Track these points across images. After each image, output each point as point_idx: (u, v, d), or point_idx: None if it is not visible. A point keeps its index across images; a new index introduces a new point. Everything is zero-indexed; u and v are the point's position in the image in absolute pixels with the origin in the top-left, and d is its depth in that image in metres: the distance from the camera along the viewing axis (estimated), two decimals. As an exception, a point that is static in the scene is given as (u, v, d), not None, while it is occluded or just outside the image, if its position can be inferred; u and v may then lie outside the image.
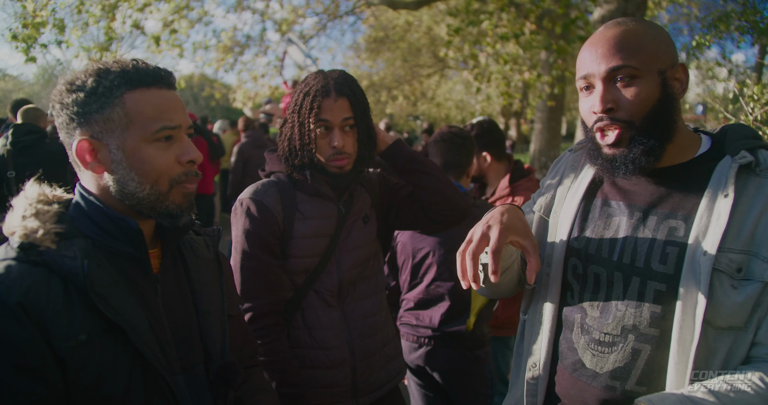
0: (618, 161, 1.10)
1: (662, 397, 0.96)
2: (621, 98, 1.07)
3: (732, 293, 0.99)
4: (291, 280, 1.57)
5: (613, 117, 1.08)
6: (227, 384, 1.08)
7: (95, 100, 0.94)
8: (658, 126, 1.07)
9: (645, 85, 1.06)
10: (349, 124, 1.53)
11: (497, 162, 2.60)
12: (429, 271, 2.14)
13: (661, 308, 1.06)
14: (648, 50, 1.06)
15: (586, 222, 1.21)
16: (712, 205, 1.03)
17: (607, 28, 1.11)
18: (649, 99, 1.06)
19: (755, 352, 1.00)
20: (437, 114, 23.06)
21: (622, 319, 1.10)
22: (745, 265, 0.99)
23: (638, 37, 1.07)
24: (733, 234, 1.00)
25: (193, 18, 8.48)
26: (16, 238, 0.90)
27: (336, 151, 1.51)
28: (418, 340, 2.16)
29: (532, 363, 1.25)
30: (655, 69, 1.06)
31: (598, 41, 1.09)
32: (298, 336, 1.57)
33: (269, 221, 1.53)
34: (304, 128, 1.51)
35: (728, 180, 1.02)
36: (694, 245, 1.02)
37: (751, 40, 5.55)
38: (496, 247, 1.06)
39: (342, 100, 1.51)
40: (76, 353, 0.87)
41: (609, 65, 1.06)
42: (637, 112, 1.06)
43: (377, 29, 14.91)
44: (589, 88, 1.11)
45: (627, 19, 1.12)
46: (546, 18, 7.39)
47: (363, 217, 1.65)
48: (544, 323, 1.23)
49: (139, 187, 0.97)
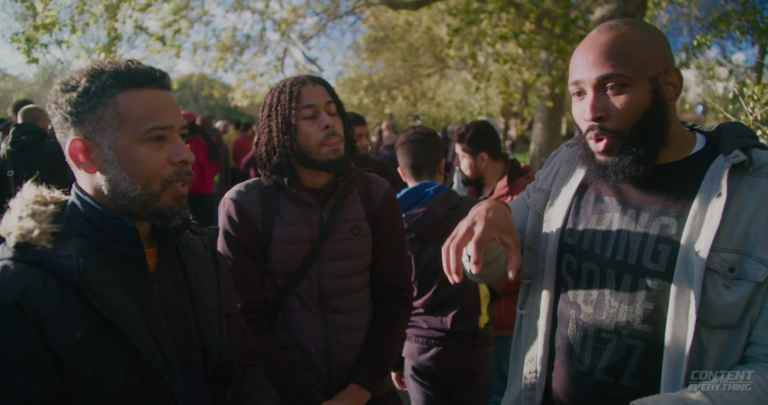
0: (609, 169, 1.11)
1: (656, 400, 0.96)
2: (611, 107, 1.07)
3: (724, 293, 0.99)
4: (273, 282, 1.57)
5: (603, 126, 1.08)
6: (225, 382, 1.08)
7: (88, 100, 0.95)
8: (648, 134, 1.07)
9: (635, 93, 1.05)
10: (332, 110, 1.54)
11: (494, 162, 2.61)
12: (435, 277, 2.13)
13: (653, 305, 1.07)
14: (639, 57, 1.05)
15: (578, 217, 1.21)
16: (705, 204, 1.03)
17: (600, 32, 1.09)
18: (638, 107, 1.06)
19: (750, 352, 1.01)
20: (437, 114, 23.05)
21: (616, 316, 1.11)
22: (738, 264, 0.99)
23: (630, 44, 1.05)
24: (726, 233, 1.00)
25: (193, 18, 8.49)
26: (12, 238, 0.92)
27: (328, 131, 1.50)
28: (428, 342, 2.15)
29: (529, 358, 1.25)
30: (646, 76, 1.06)
31: (589, 47, 1.08)
32: (278, 336, 1.57)
33: (246, 224, 1.53)
34: (286, 119, 1.50)
35: (720, 179, 1.02)
36: (686, 244, 1.02)
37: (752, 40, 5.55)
38: (479, 238, 1.07)
39: (319, 86, 1.54)
40: (73, 351, 0.88)
41: (599, 73, 1.05)
42: (627, 121, 1.07)
43: (377, 29, 14.90)
44: (580, 94, 1.11)
45: (621, 22, 1.11)
46: (546, 18, 7.39)
47: (352, 229, 1.60)
48: (541, 319, 1.23)
49: (131, 187, 0.97)
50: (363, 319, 1.64)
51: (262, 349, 1.49)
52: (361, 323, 1.63)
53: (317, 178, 1.58)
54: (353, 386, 1.57)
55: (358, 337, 1.62)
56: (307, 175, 1.57)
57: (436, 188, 2.16)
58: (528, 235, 1.32)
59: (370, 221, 1.65)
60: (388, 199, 1.69)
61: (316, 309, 1.57)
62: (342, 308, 1.59)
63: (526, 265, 1.31)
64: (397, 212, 1.72)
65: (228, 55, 10.77)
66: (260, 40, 11.09)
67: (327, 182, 1.59)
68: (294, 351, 1.56)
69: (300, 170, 1.57)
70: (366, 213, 1.64)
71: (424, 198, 2.14)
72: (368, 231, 1.64)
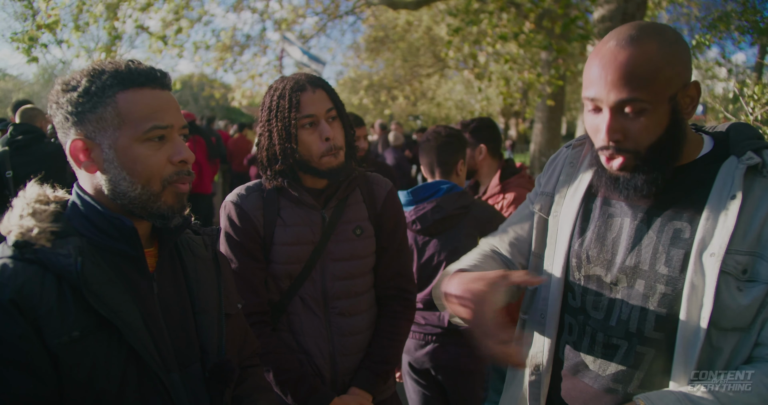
0: (620, 183, 1.09)
1: (661, 396, 0.96)
2: (629, 129, 1.03)
3: (738, 295, 0.98)
4: (276, 284, 1.56)
5: (619, 147, 1.05)
6: (222, 382, 1.08)
7: (88, 100, 0.95)
8: (663, 153, 1.05)
9: (654, 116, 1.01)
10: (332, 116, 1.51)
11: (491, 157, 2.61)
12: (435, 273, 2.13)
13: (666, 311, 1.05)
14: (661, 79, 0.99)
15: (587, 222, 1.19)
16: (718, 206, 1.01)
17: (621, 46, 1.00)
18: (657, 129, 1.02)
19: (757, 353, 1.00)
20: (437, 114, 23.05)
21: (627, 323, 1.09)
22: (751, 266, 0.98)
23: (651, 62, 0.99)
24: (740, 235, 0.99)
25: (193, 17, 8.48)
26: (12, 236, 0.92)
27: (329, 145, 1.48)
28: (425, 338, 2.15)
29: (534, 366, 1.24)
30: (665, 97, 1.01)
31: (608, 64, 1.01)
32: (282, 339, 1.57)
33: (248, 227, 1.53)
34: (287, 128, 1.47)
35: (735, 181, 1.01)
36: (700, 247, 1.01)
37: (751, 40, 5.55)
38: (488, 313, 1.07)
39: (320, 92, 1.50)
40: (69, 350, 0.88)
41: (618, 97, 1.00)
42: (644, 143, 1.04)
43: (377, 29, 14.90)
44: (596, 110, 1.07)
45: (643, 31, 1.01)
46: (546, 18, 7.39)
47: (354, 229, 1.59)
48: (547, 325, 1.22)
49: (131, 186, 0.97)
50: (367, 321, 1.63)
51: (268, 351, 1.49)
52: (365, 326, 1.62)
53: (318, 180, 1.57)
54: (355, 390, 1.56)
55: (363, 340, 1.61)
56: (308, 177, 1.56)
57: (450, 186, 2.17)
58: (535, 241, 1.29)
59: (373, 222, 1.63)
60: (390, 200, 1.67)
61: (319, 311, 1.56)
62: (346, 311, 1.58)
63: (532, 271, 1.29)
64: (399, 212, 1.70)
65: (228, 55, 10.76)
66: (260, 40, 11.10)
67: (328, 183, 1.58)
68: (298, 354, 1.55)
69: (300, 174, 1.56)
70: (368, 213, 1.63)
71: (436, 194, 2.16)
72: (371, 232, 1.63)
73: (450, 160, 2.27)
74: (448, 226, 2.11)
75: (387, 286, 1.68)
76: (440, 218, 2.09)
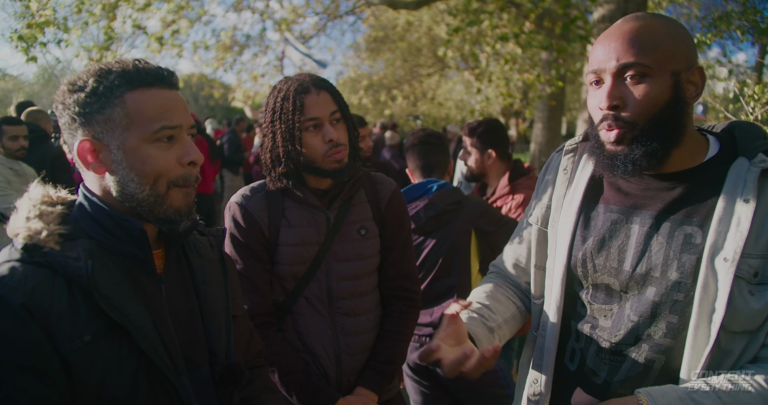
0: (618, 160, 1.07)
1: (663, 392, 0.96)
2: (628, 96, 1.03)
3: (750, 300, 0.97)
4: (281, 284, 1.56)
5: (617, 116, 1.04)
6: (232, 384, 1.08)
7: (96, 100, 0.94)
8: (663, 129, 1.03)
9: (655, 84, 1.01)
10: (336, 118, 1.51)
11: (500, 161, 2.61)
12: (432, 269, 2.14)
13: (677, 318, 1.04)
14: (664, 49, 1.01)
15: (588, 230, 1.17)
16: (729, 209, 0.99)
17: (625, 21, 1.05)
18: (657, 100, 1.02)
19: (763, 353, 1.00)
20: (437, 114, 23.02)
21: (636, 329, 1.08)
22: (762, 269, 0.97)
23: (655, 34, 1.01)
24: (753, 239, 0.98)
25: (193, 17, 8.47)
26: (20, 239, 0.90)
27: (332, 144, 1.48)
28: (420, 340, 2.14)
29: (533, 379, 1.24)
30: (668, 69, 1.01)
31: (612, 34, 1.04)
32: (287, 338, 1.57)
33: (252, 228, 1.53)
34: (290, 131, 1.47)
35: (747, 184, 0.99)
36: (711, 251, 0.99)
37: (752, 39, 5.55)
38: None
39: (324, 94, 1.49)
40: (81, 354, 0.87)
41: (620, 61, 1.02)
42: (643, 113, 1.03)
43: (377, 29, 14.88)
44: (599, 83, 1.07)
45: (648, 14, 1.06)
46: (546, 18, 7.39)
47: (359, 229, 1.59)
48: (548, 337, 1.21)
49: (139, 188, 0.96)
50: (372, 321, 1.63)
51: (273, 351, 1.49)
52: (370, 326, 1.62)
53: (322, 181, 1.57)
54: (360, 390, 1.56)
55: (368, 340, 1.61)
56: (312, 177, 1.56)
57: (440, 184, 2.18)
58: (535, 254, 1.28)
59: (378, 222, 1.63)
60: (395, 199, 1.67)
61: (324, 311, 1.57)
62: (351, 311, 1.58)
63: (537, 284, 1.28)
64: (404, 212, 1.70)
65: (228, 55, 10.75)
66: (260, 40, 11.08)
67: (332, 184, 1.58)
68: (303, 354, 1.56)
69: (305, 174, 1.56)
70: (373, 213, 1.63)
71: (427, 192, 2.16)
72: (376, 232, 1.62)
73: (443, 161, 2.32)
74: (442, 223, 2.11)
75: (392, 285, 1.68)
76: (433, 215, 2.09)
